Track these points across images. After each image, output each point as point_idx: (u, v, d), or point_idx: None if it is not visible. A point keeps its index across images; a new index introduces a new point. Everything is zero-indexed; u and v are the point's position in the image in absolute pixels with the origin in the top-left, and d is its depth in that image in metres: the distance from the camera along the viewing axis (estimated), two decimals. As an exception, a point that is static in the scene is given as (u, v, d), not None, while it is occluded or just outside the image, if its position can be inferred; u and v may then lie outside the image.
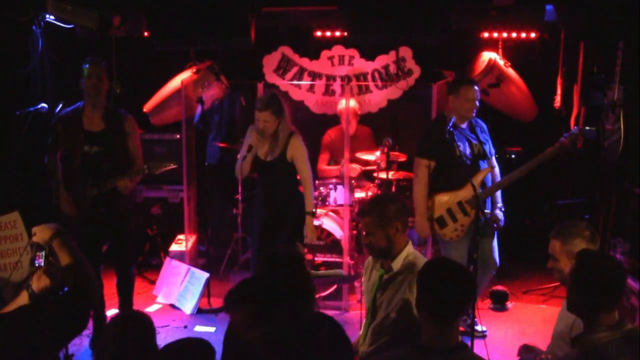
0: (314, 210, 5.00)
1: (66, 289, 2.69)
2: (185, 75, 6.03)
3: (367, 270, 3.54)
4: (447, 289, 2.47)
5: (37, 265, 2.65)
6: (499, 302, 5.55)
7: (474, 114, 4.77)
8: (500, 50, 6.04)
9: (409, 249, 3.31)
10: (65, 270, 2.65)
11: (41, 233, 2.70)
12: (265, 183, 5.00)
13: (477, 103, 4.73)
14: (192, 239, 6.22)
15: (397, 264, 3.28)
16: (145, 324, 2.49)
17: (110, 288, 5.08)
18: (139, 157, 4.85)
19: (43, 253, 2.65)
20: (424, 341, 2.53)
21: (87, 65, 4.66)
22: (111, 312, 5.11)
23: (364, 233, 3.40)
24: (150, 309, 5.57)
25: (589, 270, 2.60)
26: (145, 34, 5.82)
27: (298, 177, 5.02)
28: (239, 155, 4.98)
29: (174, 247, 6.10)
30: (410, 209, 3.49)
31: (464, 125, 4.77)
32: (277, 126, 4.77)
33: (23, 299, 2.62)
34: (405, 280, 3.21)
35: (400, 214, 3.30)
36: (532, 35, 5.97)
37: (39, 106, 5.09)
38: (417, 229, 4.90)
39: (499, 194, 4.91)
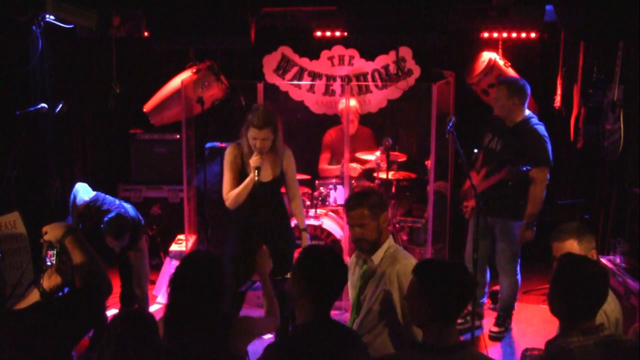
0: (306, 226, 4.74)
1: (67, 289, 2.70)
2: (185, 75, 6.03)
3: (351, 267, 3.55)
4: (447, 288, 2.48)
5: (48, 264, 2.65)
6: (497, 306, 5.54)
7: (503, 114, 4.90)
8: (500, 50, 6.05)
9: (390, 242, 3.33)
10: (77, 267, 2.66)
11: (52, 231, 2.71)
12: (258, 206, 4.48)
13: (494, 102, 4.95)
14: (192, 239, 6.21)
15: (377, 258, 3.30)
16: (147, 323, 2.50)
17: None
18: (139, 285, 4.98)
19: (55, 251, 2.66)
20: (425, 340, 2.54)
21: (105, 228, 4.65)
22: (112, 312, 5.11)
23: (353, 228, 3.34)
24: (150, 309, 5.56)
25: (571, 275, 2.58)
26: (145, 34, 5.82)
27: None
28: (226, 180, 4.44)
29: (174, 247, 6.09)
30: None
31: (510, 125, 4.89)
32: (273, 142, 4.39)
33: (34, 296, 2.64)
34: (385, 273, 3.23)
35: (385, 206, 3.36)
36: (532, 35, 5.97)
37: (39, 106, 5.10)
38: None
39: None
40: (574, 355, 2.48)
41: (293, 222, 4.97)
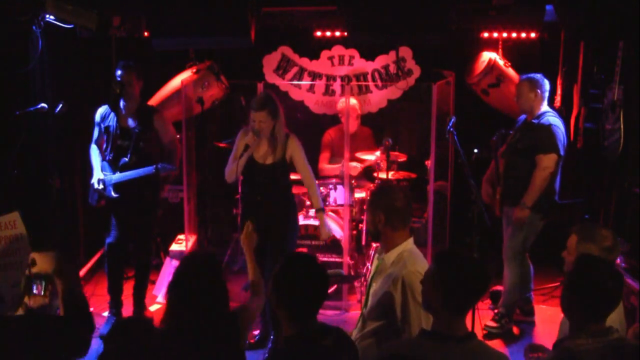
0: (322, 206, 4.92)
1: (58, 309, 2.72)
2: (185, 75, 6.03)
3: (374, 260, 3.61)
4: (460, 280, 2.50)
5: (35, 292, 2.69)
6: (499, 302, 5.54)
7: (526, 109, 5.03)
8: (500, 50, 6.04)
9: (406, 246, 3.28)
10: (64, 293, 2.69)
11: (42, 263, 2.73)
12: (260, 187, 4.81)
13: (517, 99, 5.04)
14: (192, 239, 6.21)
15: (389, 258, 3.30)
16: (146, 330, 2.50)
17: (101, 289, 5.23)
18: (175, 148, 5.26)
19: (43, 283, 2.68)
20: (434, 328, 2.58)
21: (118, 71, 5.01)
22: (106, 314, 5.29)
23: None
24: (151, 309, 5.57)
25: (587, 276, 2.58)
26: (145, 34, 5.82)
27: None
28: (230, 158, 4.83)
29: (174, 247, 6.09)
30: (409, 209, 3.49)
31: (530, 119, 5.05)
32: (273, 128, 4.67)
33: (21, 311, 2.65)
34: (392, 275, 3.22)
35: (387, 210, 3.25)
36: (532, 35, 5.96)
37: (39, 106, 5.09)
38: None
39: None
40: (580, 358, 2.48)
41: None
